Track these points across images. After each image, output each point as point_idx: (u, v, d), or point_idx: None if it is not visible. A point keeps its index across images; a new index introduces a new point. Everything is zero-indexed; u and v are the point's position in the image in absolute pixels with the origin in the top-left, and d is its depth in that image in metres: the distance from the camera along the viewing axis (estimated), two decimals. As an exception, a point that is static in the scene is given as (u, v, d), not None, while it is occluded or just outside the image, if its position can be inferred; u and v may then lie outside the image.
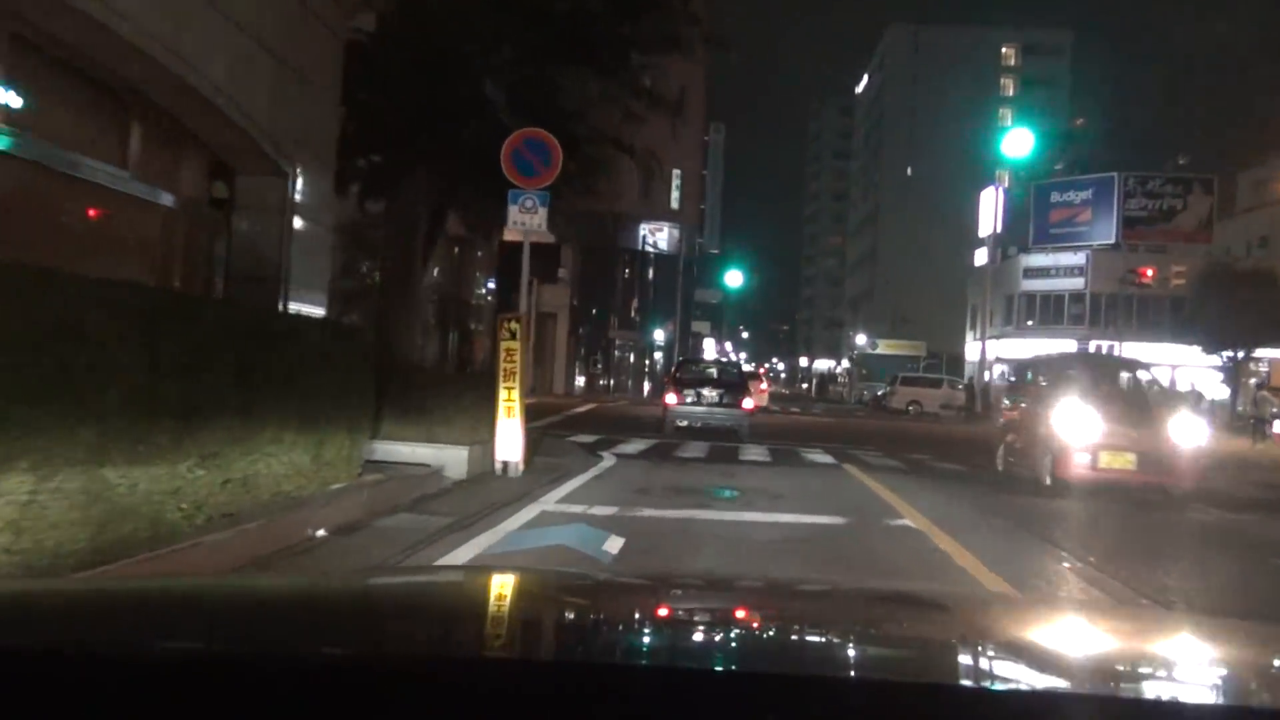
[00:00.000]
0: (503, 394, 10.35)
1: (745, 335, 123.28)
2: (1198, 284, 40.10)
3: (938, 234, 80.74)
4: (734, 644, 1.44)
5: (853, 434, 24.08)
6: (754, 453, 15.67)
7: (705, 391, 19.01)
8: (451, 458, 9.76)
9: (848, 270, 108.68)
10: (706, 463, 13.53)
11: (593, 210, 41.75)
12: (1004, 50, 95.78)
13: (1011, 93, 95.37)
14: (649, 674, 1.15)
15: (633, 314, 47.10)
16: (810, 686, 1.06)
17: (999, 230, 48.04)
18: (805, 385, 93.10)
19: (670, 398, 19.13)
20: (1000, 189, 49.50)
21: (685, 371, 21.10)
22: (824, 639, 1.53)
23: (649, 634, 1.49)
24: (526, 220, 10.48)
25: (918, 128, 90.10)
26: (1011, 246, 51.29)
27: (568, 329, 43.25)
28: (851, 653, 1.46)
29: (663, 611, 1.65)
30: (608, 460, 12.84)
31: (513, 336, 10.42)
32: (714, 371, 21.52)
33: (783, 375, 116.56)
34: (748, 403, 19.14)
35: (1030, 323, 50.45)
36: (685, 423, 18.63)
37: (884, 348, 71.55)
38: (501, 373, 10.41)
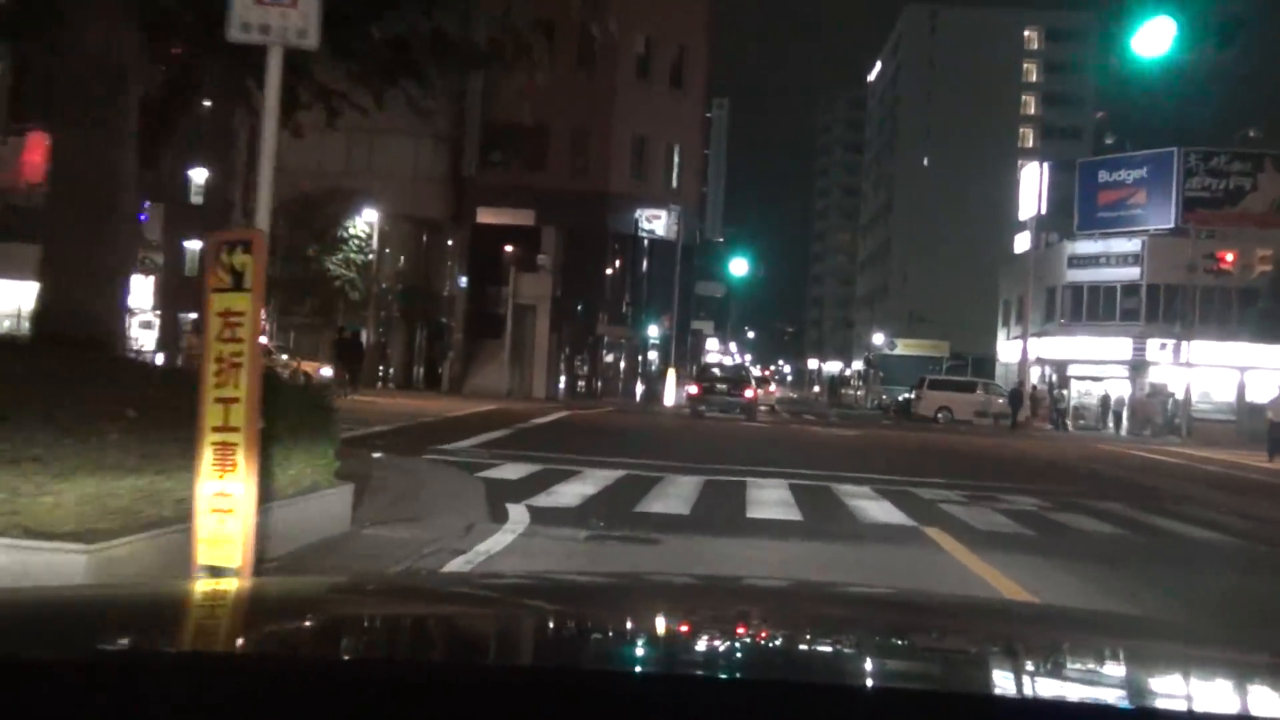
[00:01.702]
0: (211, 414, 4.46)
1: (751, 336, 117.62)
2: (1276, 273, 34.45)
3: (957, 227, 76.10)
4: (736, 651, 1.39)
5: (894, 454, 18.77)
6: (769, 499, 9.78)
7: (719, 386, 28.09)
8: (51, 573, 3.94)
9: (859, 267, 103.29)
10: (688, 531, 7.60)
11: (580, 189, 36.69)
12: (1027, 33, 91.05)
13: (1035, 78, 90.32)
14: (647, 682, 1.11)
15: (624, 308, 41.18)
16: (811, 694, 1.04)
17: (1042, 212, 42.24)
18: (816, 389, 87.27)
19: (693, 390, 28.72)
20: (1043, 165, 43.65)
21: (705, 371, 32.27)
22: (828, 646, 1.49)
23: (646, 640, 1.45)
24: (271, 19, 4.65)
25: (935, 115, 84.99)
26: (1052, 234, 45.19)
27: (549, 324, 37.82)
28: (853, 660, 1.41)
29: (661, 616, 1.61)
30: (509, 527, 6.98)
31: (237, 284, 4.52)
32: (726, 371, 32.42)
33: (789, 379, 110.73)
34: (748, 393, 28.12)
35: (1063, 320, 44.30)
36: (704, 407, 27.35)
37: (903, 348, 65.93)
38: (211, 366, 4.54)
